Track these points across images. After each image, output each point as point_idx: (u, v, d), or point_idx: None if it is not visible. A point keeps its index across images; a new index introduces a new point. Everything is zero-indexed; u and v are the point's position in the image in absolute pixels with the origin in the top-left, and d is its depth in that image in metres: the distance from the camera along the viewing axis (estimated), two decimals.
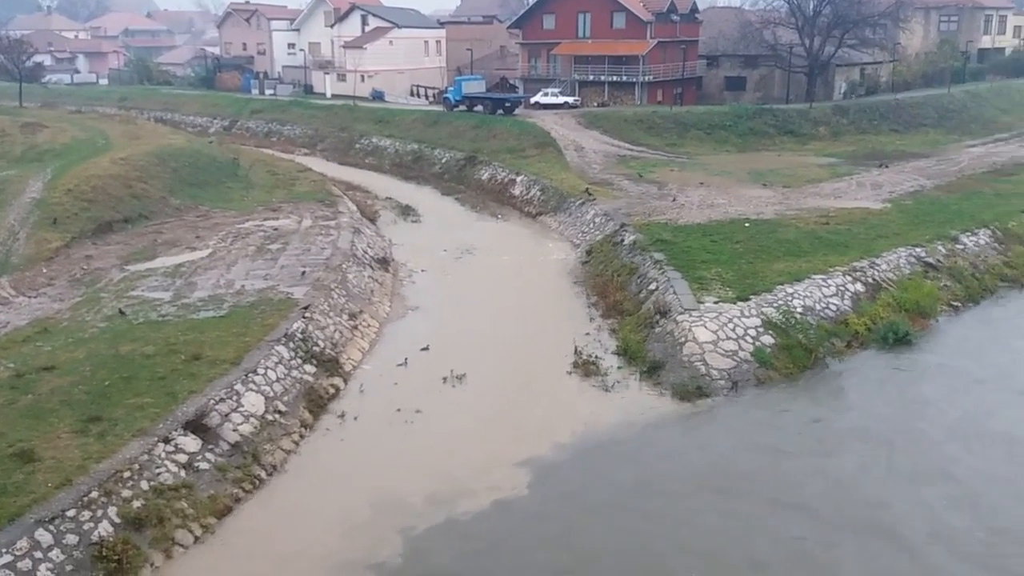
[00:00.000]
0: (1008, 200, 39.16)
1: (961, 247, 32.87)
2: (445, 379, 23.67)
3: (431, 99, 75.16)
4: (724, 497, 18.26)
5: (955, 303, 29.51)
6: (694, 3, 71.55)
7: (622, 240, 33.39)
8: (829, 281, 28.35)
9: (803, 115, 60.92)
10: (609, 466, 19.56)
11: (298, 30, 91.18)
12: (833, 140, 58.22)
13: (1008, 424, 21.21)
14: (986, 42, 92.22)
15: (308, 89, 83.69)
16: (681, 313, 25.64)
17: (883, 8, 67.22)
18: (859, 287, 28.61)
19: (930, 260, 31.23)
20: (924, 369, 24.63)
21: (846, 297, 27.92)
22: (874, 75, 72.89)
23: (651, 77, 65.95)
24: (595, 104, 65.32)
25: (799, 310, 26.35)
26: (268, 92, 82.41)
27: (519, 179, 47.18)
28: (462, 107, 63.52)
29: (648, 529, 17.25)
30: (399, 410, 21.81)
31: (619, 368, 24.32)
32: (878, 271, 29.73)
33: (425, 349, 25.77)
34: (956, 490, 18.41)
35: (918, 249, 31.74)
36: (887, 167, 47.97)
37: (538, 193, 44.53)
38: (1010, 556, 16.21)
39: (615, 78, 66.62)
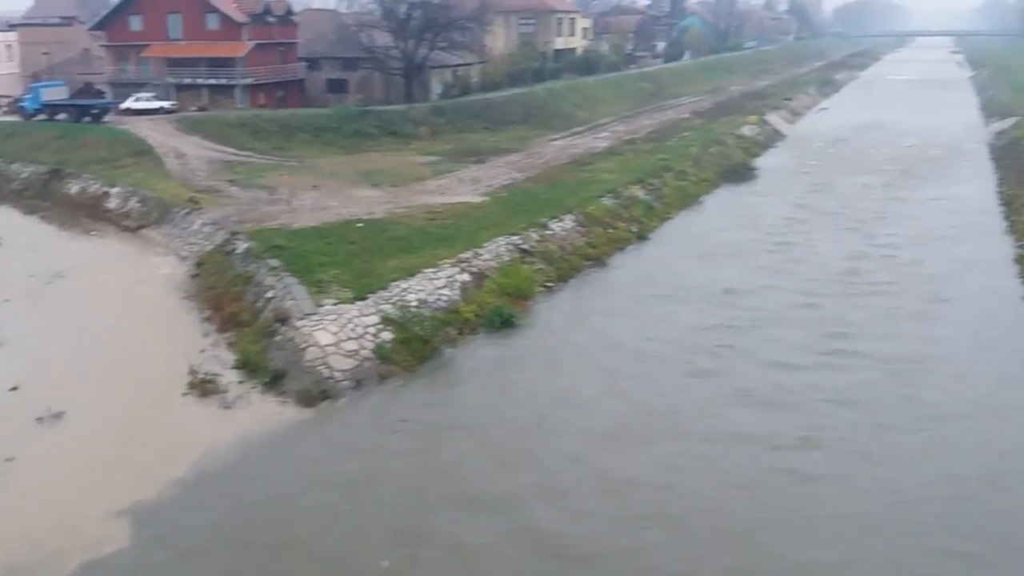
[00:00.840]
0: (587, 187, 43.42)
1: (551, 232, 35.89)
2: (40, 419, 21.30)
3: (5, 109, 67.16)
4: (343, 499, 18.38)
5: (549, 284, 32.16)
6: (289, 5, 70.87)
7: (234, 249, 32.25)
8: (439, 273, 29.57)
9: (404, 116, 62.90)
10: (224, 493, 18.71)
11: None
12: (434, 139, 60.72)
13: (585, 403, 22.85)
14: (560, 43, 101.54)
15: None
16: (300, 318, 25.36)
17: (468, 12, 71.36)
18: (466, 277, 30.17)
19: (525, 247, 33.75)
20: (522, 351, 26.41)
21: (455, 287, 29.31)
22: (465, 76, 77.09)
23: (252, 80, 64.24)
24: (194, 109, 62.26)
25: (414, 304, 27.21)
26: None
27: (114, 191, 43.69)
28: (42, 116, 57.38)
29: (265, 561, 16.70)
30: None
31: (240, 382, 23.49)
32: (482, 260, 31.55)
33: (14, 389, 22.99)
34: (540, 476, 19.35)
35: (515, 237, 34.13)
36: (484, 163, 50.98)
37: (137, 205, 41.57)
38: (583, 536, 17.24)
39: (214, 81, 63.97)
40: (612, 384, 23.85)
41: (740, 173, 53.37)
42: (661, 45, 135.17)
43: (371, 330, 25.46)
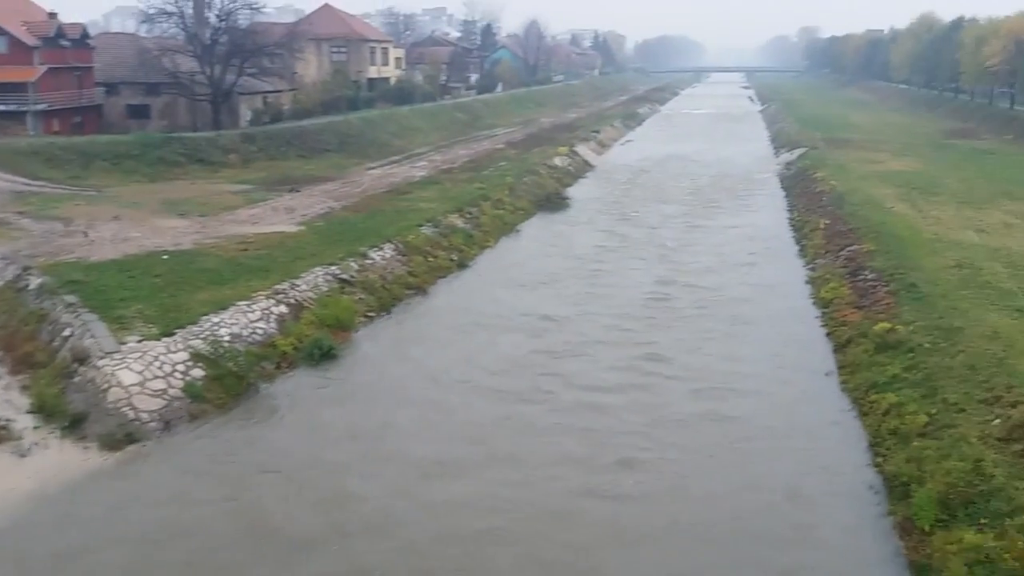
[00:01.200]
0: (406, 216, 43.36)
1: (371, 262, 35.53)
2: None
3: None
4: (138, 556, 17.22)
5: (370, 314, 31.79)
6: (84, 28, 67.22)
7: (27, 285, 29.89)
8: (254, 306, 28.59)
9: (212, 143, 60.76)
10: (7, 553, 17.15)
11: None
12: (244, 167, 58.99)
13: (405, 437, 22.29)
14: (374, 72, 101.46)
15: None
16: (101, 357, 23.78)
17: (277, 38, 70.11)
18: (283, 308, 29.34)
19: (345, 276, 33.23)
20: (342, 385, 25.83)
21: (271, 320, 28.43)
22: (277, 103, 75.58)
23: (45, 105, 60.38)
24: None
25: (227, 338, 26.15)
26: None
27: None
28: None
29: None
30: None
31: (36, 428, 21.65)
32: (299, 291, 30.78)
33: None
34: (367, 508, 18.93)
35: (333, 267, 33.56)
36: (298, 191, 50.01)
37: None
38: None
39: (3, 107, 59.59)
40: (432, 417, 23.50)
41: (554, 202, 54.93)
42: (474, 77, 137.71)
43: (180, 367, 24.23)
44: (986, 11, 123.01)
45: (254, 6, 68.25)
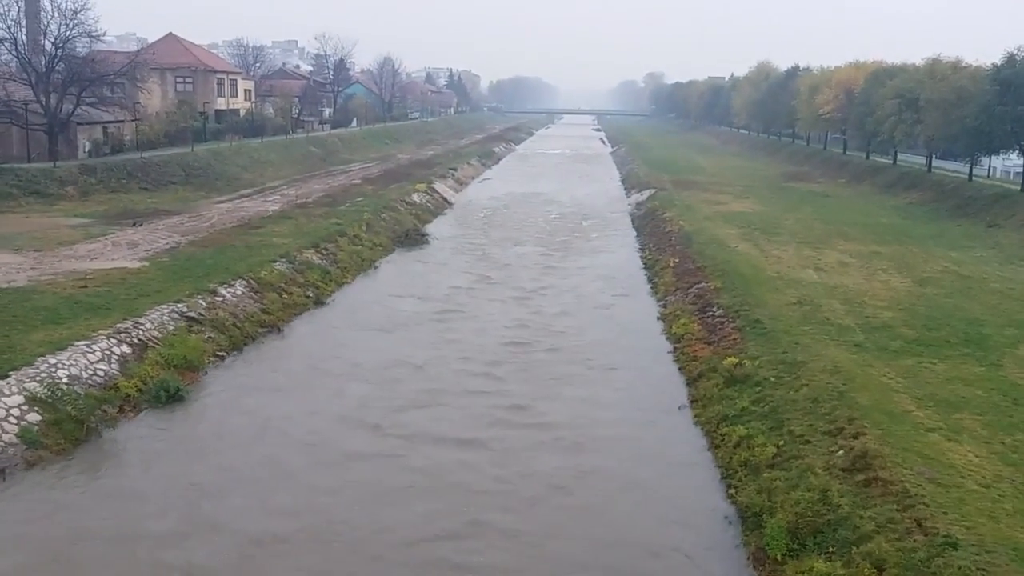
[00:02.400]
0: (259, 251, 42.36)
1: (221, 299, 34.47)
2: None
3: None
4: None
5: (221, 353, 30.80)
6: None
7: None
8: (94, 346, 27.20)
9: (48, 175, 57.79)
10: None
11: None
12: (83, 200, 56.40)
13: (244, 498, 20.92)
14: (222, 103, 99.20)
15: None
16: None
17: (118, 67, 67.68)
18: (126, 349, 28.05)
19: (192, 314, 32.11)
20: (184, 431, 24.70)
21: (113, 361, 27.13)
22: (118, 134, 72.74)
23: None
24: None
25: (65, 381, 24.75)
26: None
27: None
28: None
29: None
30: None
31: None
32: (143, 330, 29.51)
33: None
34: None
35: (180, 304, 32.37)
36: (141, 225, 48.22)
37: None
38: None
39: None
40: (269, 479, 21.80)
41: (412, 239, 54.93)
42: (328, 111, 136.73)
43: (15, 411, 22.74)
44: (818, 61, 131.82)
45: (92, 34, 65.84)
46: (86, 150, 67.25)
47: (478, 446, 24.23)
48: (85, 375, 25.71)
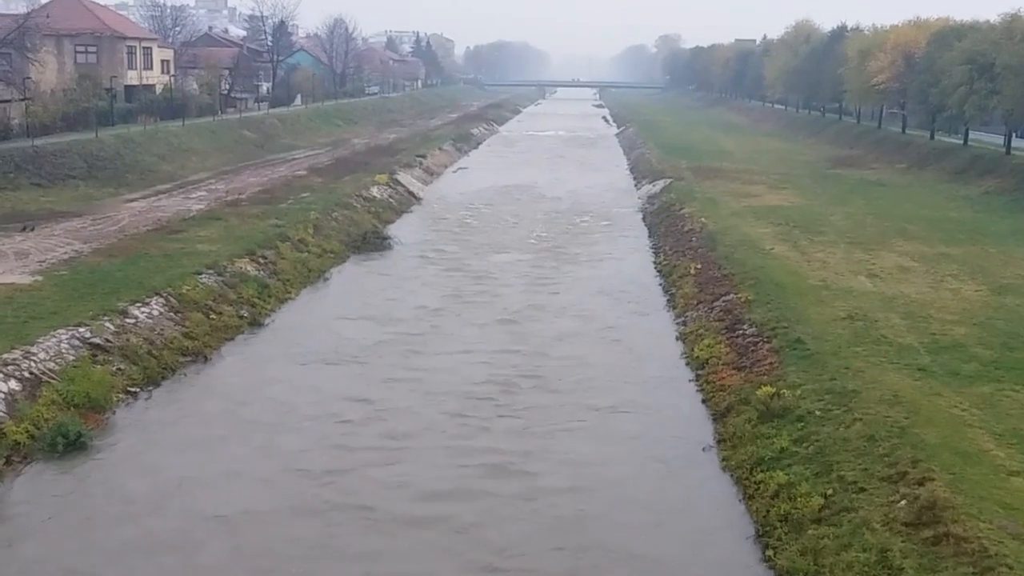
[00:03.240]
0: (179, 261, 42.23)
1: (133, 321, 34.32)
2: None
3: None
4: None
5: (133, 389, 30.63)
6: None
7: None
8: None
9: None
10: None
11: None
12: None
13: None
14: (134, 78, 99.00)
15: None
16: None
17: (3, 34, 67.48)
18: (14, 385, 27.85)
19: (97, 341, 31.95)
20: (82, 490, 24.43)
21: None
22: (3, 116, 72.46)
23: None
24: None
25: None
26: None
27: None
28: None
29: None
30: None
31: None
32: (36, 361, 29.33)
33: None
34: None
35: (82, 329, 32.21)
36: (34, 230, 48.09)
37: None
38: None
39: None
40: (170, 567, 21.00)
41: (372, 243, 54.90)
42: (266, 86, 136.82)
43: None
44: (870, 19, 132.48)
45: None
46: None
47: (448, 524, 22.90)
48: None
